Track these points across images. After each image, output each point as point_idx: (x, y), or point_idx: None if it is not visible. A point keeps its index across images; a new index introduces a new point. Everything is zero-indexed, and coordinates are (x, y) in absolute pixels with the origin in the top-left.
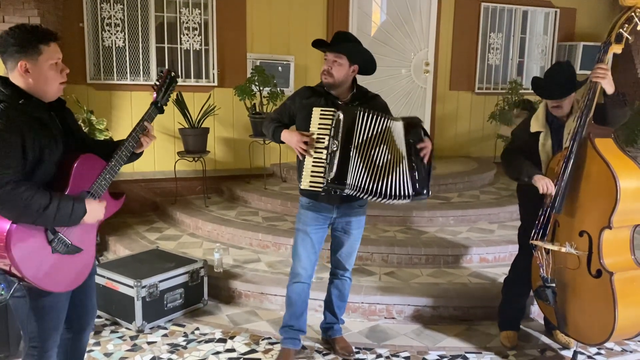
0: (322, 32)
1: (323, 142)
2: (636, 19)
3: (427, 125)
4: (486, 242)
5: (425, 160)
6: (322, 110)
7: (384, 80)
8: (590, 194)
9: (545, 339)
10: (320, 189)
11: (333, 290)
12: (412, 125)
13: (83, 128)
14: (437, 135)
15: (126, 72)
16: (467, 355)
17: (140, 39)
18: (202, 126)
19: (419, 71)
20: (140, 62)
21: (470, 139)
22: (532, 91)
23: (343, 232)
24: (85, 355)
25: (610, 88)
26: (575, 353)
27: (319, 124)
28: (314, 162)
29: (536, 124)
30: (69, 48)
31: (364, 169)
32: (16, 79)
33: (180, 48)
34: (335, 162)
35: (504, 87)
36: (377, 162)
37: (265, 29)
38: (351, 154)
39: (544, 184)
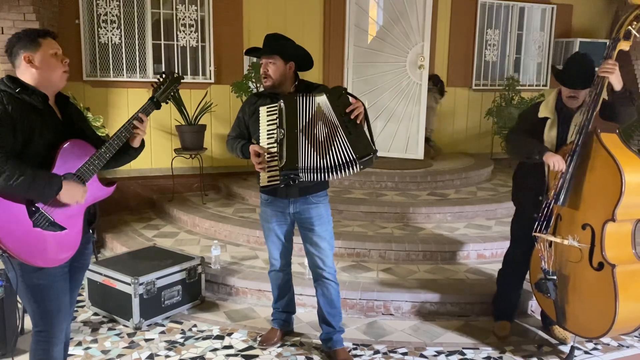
0: (319, 28)
1: (273, 137)
2: None
3: None
4: (483, 238)
5: (359, 121)
6: (267, 108)
7: (381, 76)
8: (595, 187)
9: (542, 335)
10: (278, 182)
11: (320, 299)
12: (334, 94)
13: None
14: (434, 131)
15: (122, 69)
16: (465, 351)
17: (136, 36)
18: (199, 123)
19: (415, 67)
20: (137, 59)
21: (467, 136)
22: (530, 87)
23: (307, 230)
24: (83, 353)
25: (618, 84)
26: (573, 348)
27: (267, 121)
28: (268, 157)
29: (545, 109)
30: (65, 45)
31: (312, 150)
32: (22, 73)
33: (177, 45)
34: (284, 149)
35: (500, 84)
36: (320, 140)
37: (262, 25)
38: (299, 139)
39: (555, 161)
